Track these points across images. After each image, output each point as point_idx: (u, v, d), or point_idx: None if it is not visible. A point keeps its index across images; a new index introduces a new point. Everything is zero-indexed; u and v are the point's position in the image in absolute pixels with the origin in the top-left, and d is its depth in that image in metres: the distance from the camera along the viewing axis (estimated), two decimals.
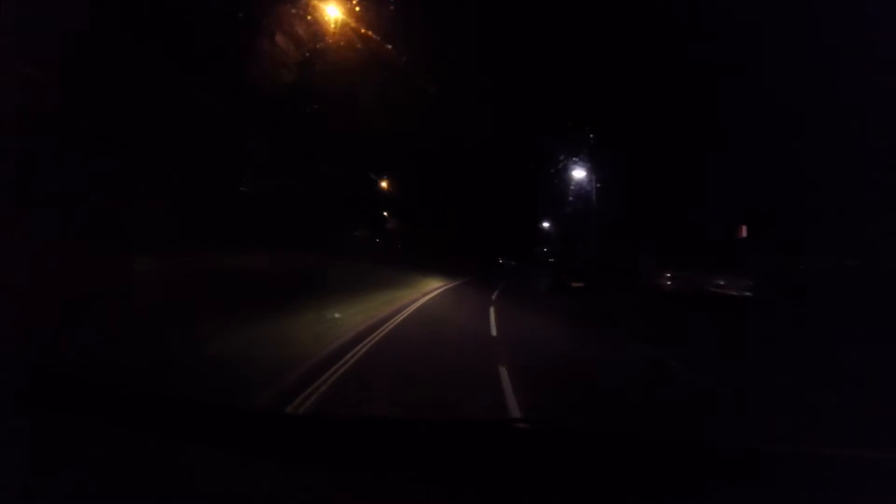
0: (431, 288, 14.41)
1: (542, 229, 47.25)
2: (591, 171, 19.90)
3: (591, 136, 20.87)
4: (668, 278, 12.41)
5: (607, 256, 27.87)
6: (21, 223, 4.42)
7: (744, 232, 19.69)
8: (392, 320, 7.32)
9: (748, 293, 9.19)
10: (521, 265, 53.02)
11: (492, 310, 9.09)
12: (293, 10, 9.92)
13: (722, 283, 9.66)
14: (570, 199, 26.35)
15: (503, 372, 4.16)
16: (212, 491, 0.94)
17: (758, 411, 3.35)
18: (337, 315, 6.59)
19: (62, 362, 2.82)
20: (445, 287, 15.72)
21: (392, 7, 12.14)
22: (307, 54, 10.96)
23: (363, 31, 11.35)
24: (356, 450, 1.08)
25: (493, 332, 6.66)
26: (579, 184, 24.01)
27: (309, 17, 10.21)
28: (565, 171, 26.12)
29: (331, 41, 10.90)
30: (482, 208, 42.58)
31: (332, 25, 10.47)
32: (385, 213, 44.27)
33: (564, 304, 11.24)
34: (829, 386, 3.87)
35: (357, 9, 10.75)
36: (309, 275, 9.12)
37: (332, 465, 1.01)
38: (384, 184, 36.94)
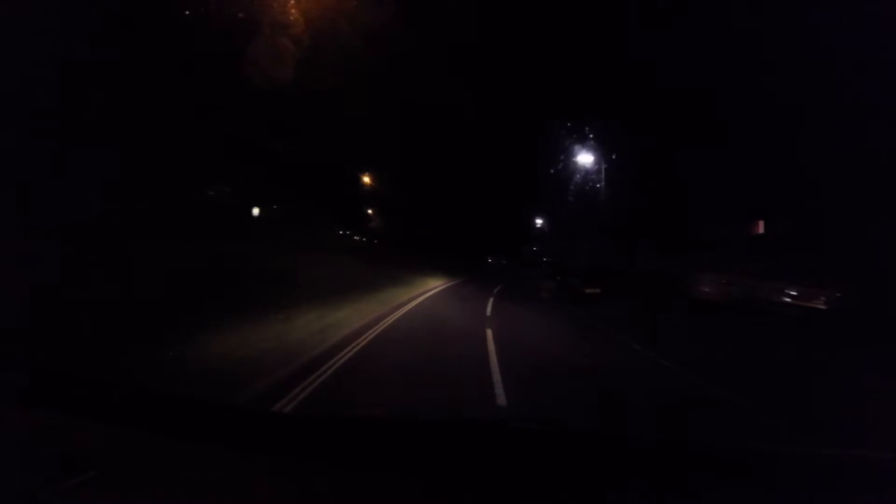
0: (410, 297, 11.92)
1: (535, 226, 45.15)
2: (598, 165, 17.61)
3: (591, 132, 18.66)
4: (711, 283, 10.10)
5: (606, 256, 26.10)
6: (20, 223, 4.58)
7: (760, 228, 17.92)
8: (332, 362, 4.43)
9: (825, 307, 7.11)
10: (512, 264, 51.30)
11: (489, 334, 6.29)
12: None
13: (794, 293, 7.53)
14: (570, 199, 24.22)
15: None
16: (213, 490, 0.93)
17: None
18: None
19: (63, 362, 2.80)
20: (427, 294, 13.23)
21: None
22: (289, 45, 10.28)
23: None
24: (356, 450, 1.05)
25: (501, 397, 3.68)
26: (581, 180, 21.87)
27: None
28: (565, 166, 24.00)
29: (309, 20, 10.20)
30: (470, 204, 40.82)
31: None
32: (369, 211, 42.61)
33: (599, 324, 7.77)
34: None
35: None
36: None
37: (333, 465, 1.00)
38: (367, 178, 34.98)
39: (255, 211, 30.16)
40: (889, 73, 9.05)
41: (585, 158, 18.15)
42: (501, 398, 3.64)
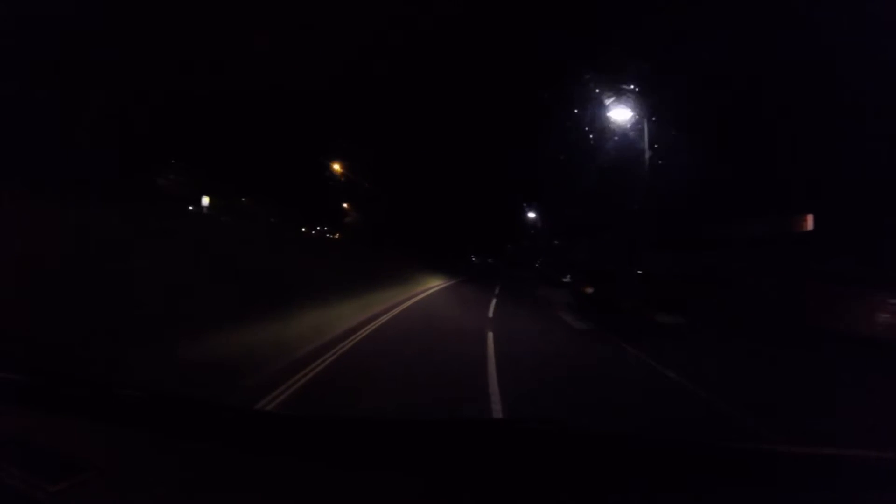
0: (372, 313, 8.09)
1: (526, 222, 41.34)
2: (637, 125, 13.22)
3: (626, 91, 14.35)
4: None
5: (607, 256, 23.19)
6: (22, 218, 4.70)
7: (809, 223, 14.72)
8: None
9: None
10: (499, 264, 48.05)
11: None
12: None
13: None
14: (595, 175, 20.43)
15: None
16: (213, 490, 0.93)
17: None
18: None
19: (63, 362, 2.80)
20: (394, 311, 9.12)
21: None
22: None
23: None
24: (355, 450, 1.03)
25: None
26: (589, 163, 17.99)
27: None
28: (577, 144, 20.23)
29: None
30: (454, 198, 37.83)
31: None
32: (345, 205, 39.92)
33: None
34: None
35: None
36: None
37: (332, 465, 0.99)
38: (337, 167, 31.72)
39: (205, 201, 26.37)
40: None
41: (621, 116, 13.41)
42: None
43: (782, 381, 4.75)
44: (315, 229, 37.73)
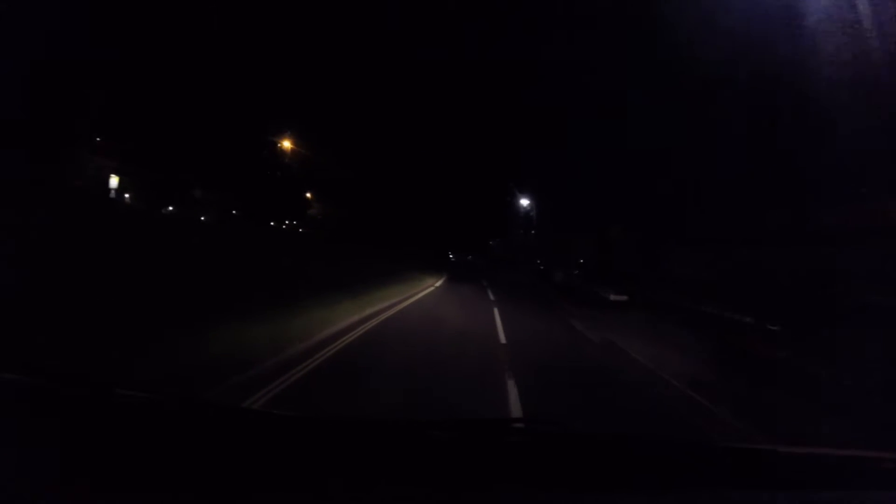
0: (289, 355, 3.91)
1: (518, 211, 36.49)
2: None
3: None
4: None
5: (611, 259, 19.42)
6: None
7: None
8: None
9: None
10: (482, 263, 43.67)
11: None
12: None
13: None
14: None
15: None
16: (214, 491, 0.92)
17: None
18: None
19: (63, 362, 2.84)
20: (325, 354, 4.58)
21: None
22: None
23: None
24: (354, 451, 1.04)
25: None
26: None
27: None
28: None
29: None
30: (430, 186, 34.10)
31: None
32: (308, 195, 37.38)
33: None
34: None
35: None
36: None
37: (332, 466, 0.99)
38: (287, 142, 27.37)
39: (113, 181, 21.18)
40: None
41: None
42: None
43: None
44: (284, 224, 33.82)
